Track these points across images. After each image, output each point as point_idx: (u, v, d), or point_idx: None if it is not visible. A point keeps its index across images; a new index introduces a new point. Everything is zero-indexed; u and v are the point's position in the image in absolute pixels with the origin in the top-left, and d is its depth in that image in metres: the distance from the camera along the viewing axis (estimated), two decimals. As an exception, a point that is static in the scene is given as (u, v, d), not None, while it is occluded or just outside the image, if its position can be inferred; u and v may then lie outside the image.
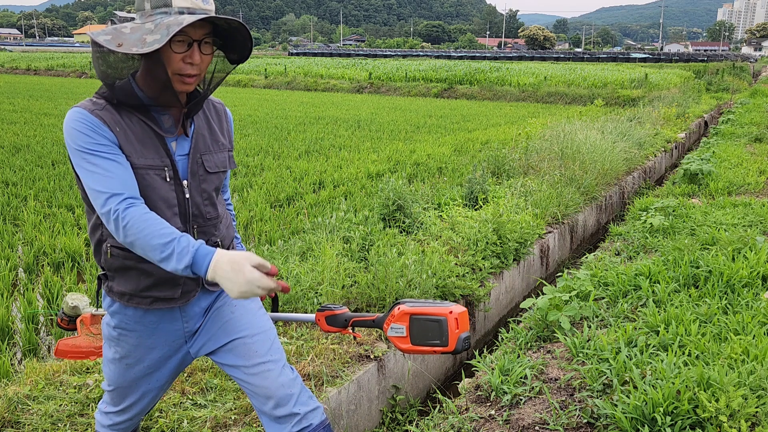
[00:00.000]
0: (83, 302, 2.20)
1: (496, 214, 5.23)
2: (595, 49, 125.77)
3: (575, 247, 6.81)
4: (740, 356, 2.74)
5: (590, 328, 3.27)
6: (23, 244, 5.47)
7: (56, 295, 4.24)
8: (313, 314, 1.72)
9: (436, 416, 2.79)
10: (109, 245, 1.74)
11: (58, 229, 5.68)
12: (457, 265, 4.45)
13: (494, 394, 2.80)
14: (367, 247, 4.49)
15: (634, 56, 58.14)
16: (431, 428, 2.68)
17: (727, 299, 3.51)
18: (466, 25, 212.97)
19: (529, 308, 3.65)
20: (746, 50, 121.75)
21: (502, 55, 67.90)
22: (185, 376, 2.99)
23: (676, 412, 2.33)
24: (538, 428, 2.54)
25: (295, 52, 71.47)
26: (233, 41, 1.74)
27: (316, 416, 1.88)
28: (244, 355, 1.87)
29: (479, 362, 3.06)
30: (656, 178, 10.62)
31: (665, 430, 2.27)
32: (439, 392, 3.31)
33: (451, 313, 1.53)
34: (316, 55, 66.33)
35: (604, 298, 3.82)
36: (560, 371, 2.95)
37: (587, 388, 2.73)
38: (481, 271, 4.61)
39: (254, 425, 2.65)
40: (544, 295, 3.52)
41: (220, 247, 1.88)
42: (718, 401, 2.31)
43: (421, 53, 70.48)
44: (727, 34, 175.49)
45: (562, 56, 62.77)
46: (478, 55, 66.71)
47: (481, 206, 5.91)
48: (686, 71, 35.12)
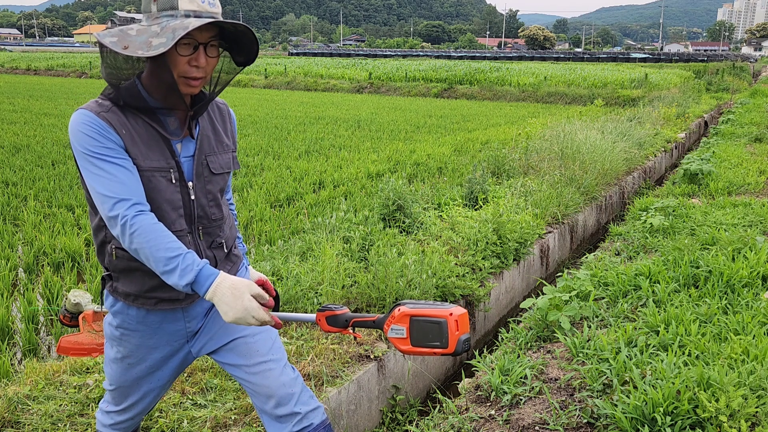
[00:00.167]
0: (86, 299, 2.21)
1: (496, 214, 5.23)
2: (595, 49, 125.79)
3: (575, 247, 6.82)
4: (740, 356, 2.74)
5: (590, 328, 3.27)
6: (23, 244, 5.47)
7: (56, 295, 4.24)
8: (313, 314, 1.72)
9: (436, 416, 2.79)
10: (113, 247, 1.74)
11: (58, 229, 5.69)
12: (457, 265, 4.46)
13: (494, 394, 2.81)
14: (367, 247, 4.49)
15: (634, 56, 58.17)
16: (431, 428, 2.68)
17: (727, 299, 3.51)
18: (466, 25, 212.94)
19: (529, 308, 3.65)
20: (746, 50, 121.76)
21: (502, 55, 67.95)
22: (185, 376, 3.00)
23: (676, 412, 2.33)
24: (538, 428, 2.54)
25: (295, 52, 71.51)
26: (240, 44, 1.73)
27: (316, 416, 1.88)
28: (245, 354, 1.87)
29: (479, 362, 3.07)
30: (656, 178, 10.62)
31: (665, 430, 2.27)
32: (439, 392, 3.31)
33: (451, 315, 1.54)
34: (316, 55, 66.37)
35: (604, 298, 3.82)
36: (560, 371, 2.95)
37: (587, 388, 2.73)
38: (481, 271, 4.61)
39: (254, 425, 2.66)
40: (544, 295, 3.52)
41: (223, 247, 1.89)
42: (718, 401, 2.31)
43: (421, 53, 70.52)
44: (727, 34, 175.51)
45: (562, 56, 62.82)
46: (478, 55, 66.76)
47: (481, 206, 5.91)
48: (686, 71, 35.13)
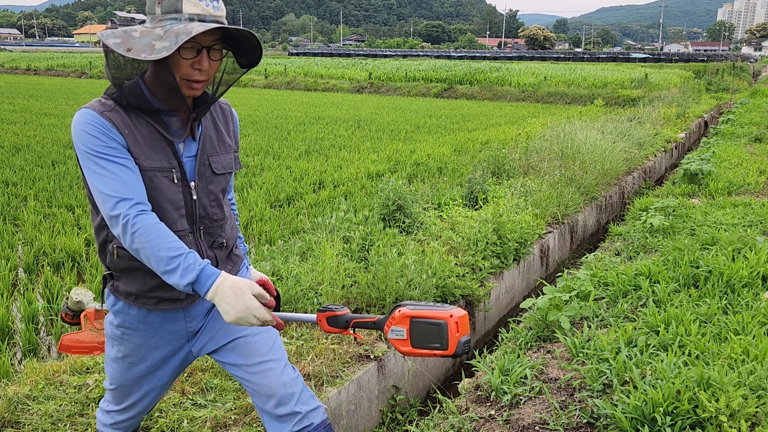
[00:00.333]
0: (87, 297, 2.21)
1: (496, 214, 5.23)
2: (595, 49, 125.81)
3: (575, 247, 6.82)
4: (740, 356, 2.74)
5: (590, 328, 3.27)
6: (23, 244, 5.47)
7: (56, 295, 4.24)
8: (314, 315, 1.72)
9: (436, 416, 2.79)
10: (115, 246, 1.74)
11: (58, 229, 5.69)
12: (457, 265, 4.46)
13: (494, 394, 2.81)
14: (367, 247, 4.49)
15: (634, 56, 58.17)
16: (431, 428, 2.68)
17: (727, 299, 3.51)
18: (466, 25, 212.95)
19: (529, 308, 3.65)
20: (746, 50, 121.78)
21: (502, 55, 67.95)
22: (185, 376, 3.00)
23: (676, 412, 2.33)
24: (538, 428, 2.54)
25: (295, 52, 71.52)
26: (243, 47, 1.73)
27: (317, 415, 1.88)
28: (245, 353, 1.87)
29: (479, 362, 3.07)
30: (656, 178, 10.62)
31: (665, 430, 2.27)
32: (439, 392, 3.31)
33: (451, 316, 1.54)
34: (316, 55, 66.37)
35: (604, 298, 3.82)
36: (560, 371, 2.95)
37: (587, 388, 2.73)
38: (481, 271, 4.61)
39: (254, 425, 2.66)
40: (544, 295, 3.52)
41: (225, 247, 1.89)
42: (718, 401, 2.31)
43: (421, 53, 70.52)
44: (727, 34, 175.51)
45: (562, 56, 62.82)
46: (478, 55, 66.76)
47: (481, 206, 5.91)
48: (686, 71, 35.13)
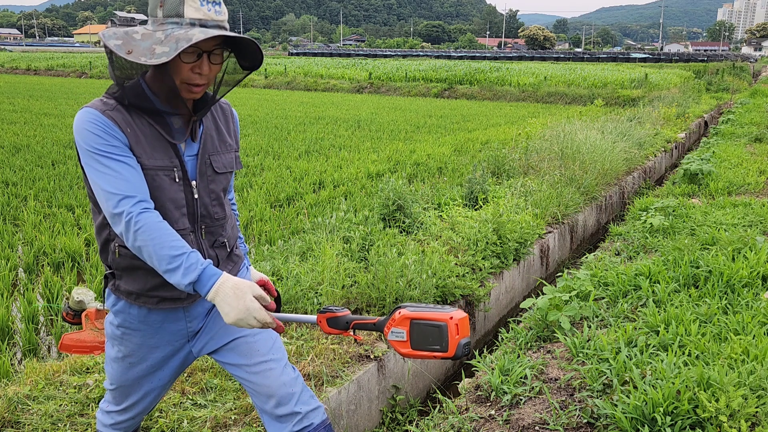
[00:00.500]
0: (89, 297, 2.21)
1: (496, 214, 5.23)
2: (595, 49, 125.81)
3: (575, 247, 6.82)
4: (740, 356, 2.74)
5: (590, 328, 3.27)
6: (23, 244, 5.47)
7: (56, 295, 4.24)
8: (314, 315, 1.72)
9: (436, 416, 2.79)
10: (117, 245, 1.74)
11: (58, 229, 5.69)
12: (457, 265, 4.46)
13: (494, 394, 2.81)
14: (367, 247, 4.49)
15: (634, 56, 58.17)
16: (431, 428, 2.68)
17: (727, 299, 3.51)
18: (466, 25, 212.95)
19: (529, 308, 3.65)
20: (746, 50, 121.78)
21: (502, 55, 67.96)
22: (185, 376, 3.00)
23: (676, 412, 2.33)
24: (538, 428, 2.54)
25: (295, 52, 71.50)
26: (244, 51, 1.73)
27: (317, 415, 1.88)
28: (246, 353, 1.87)
29: (479, 362, 3.07)
30: (656, 178, 10.62)
31: (665, 430, 2.27)
32: (439, 392, 3.31)
33: (451, 318, 1.54)
34: (316, 55, 66.36)
35: (604, 298, 3.82)
36: (560, 371, 2.95)
37: (587, 388, 2.73)
38: (481, 271, 4.61)
39: (254, 425, 2.66)
40: (544, 295, 3.52)
41: (226, 246, 1.89)
42: (718, 401, 2.31)
43: (421, 53, 70.51)
44: (727, 34, 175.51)
45: (562, 56, 62.82)
46: (478, 55, 66.75)
47: (481, 206, 5.91)
48: (686, 71, 35.13)
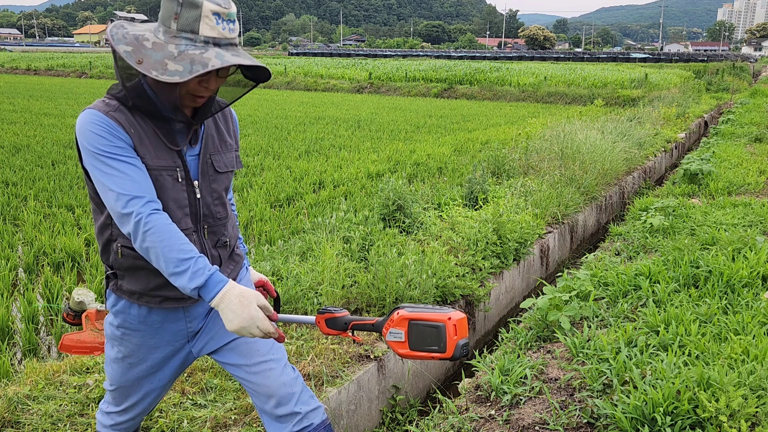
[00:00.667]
0: (89, 298, 2.21)
1: (496, 214, 5.23)
2: (595, 49, 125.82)
3: (575, 247, 6.82)
4: (740, 356, 2.74)
5: (590, 328, 3.27)
6: (23, 244, 5.47)
7: (56, 295, 4.24)
8: (313, 316, 1.72)
9: (436, 416, 2.79)
10: (119, 245, 1.74)
11: (58, 229, 5.69)
12: (457, 265, 4.46)
13: (494, 394, 2.81)
14: (367, 247, 4.49)
15: (634, 56, 58.18)
16: (431, 428, 2.68)
17: (727, 299, 3.51)
18: (466, 25, 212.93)
19: (529, 308, 3.65)
20: (746, 50, 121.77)
21: (502, 55, 67.98)
22: (185, 376, 3.00)
23: (676, 412, 2.33)
24: (538, 428, 2.54)
25: (295, 52, 71.52)
26: (254, 69, 1.71)
27: (317, 416, 1.88)
28: (245, 353, 1.87)
29: (479, 362, 3.07)
30: (656, 178, 10.62)
31: (665, 430, 2.27)
32: (439, 392, 3.31)
33: (449, 319, 1.54)
34: (316, 55, 66.38)
35: (604, 298, 3.82)
36: (560, 371, 2.95)
37: (587, 388, 2.73)
38: (481, 271, 4.61)
39: (254, 425, 2.66)
40: (544, 295, 3.52)
41: (227, 246, 1.90)
42: (718, 401, 2.31)
43: (421, 53, 70.54)
44: (727, 34, 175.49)
45: (562, 56, 62.84)
46: (478, 55, 66.78)
47: (481, 206, 5.91)
48: (686, 71, 35.13)
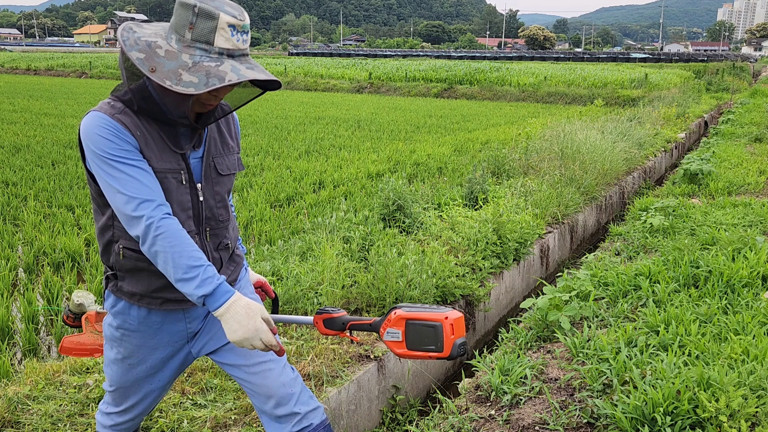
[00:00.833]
0: (89, 300, 2.21)
1: (496, 214, 5.23)
2: (595, 49, 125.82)
3: (575, 247, 6.82)
4: (740, 356, 2.74)
5: (590, 328, 3.27)
6: (23, 244, 5.47)
7: (56, 295, 4.24)
8: (311, 317, 1.72)
9: (436, 416, 2.79)
10: (121, 246, 1.73)
11: (58, 229, 5.69)
12: (457, 265, 4.45)
13: (494, 394, 2.80)
14: (367, 247, 4.49)
15: (634, 56, 58.16)
16: (431, 428, 2.68)
17: (727, 299, 3.51)
18: (466, 25, 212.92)
19: (529, 308, 3.65)
20: (746, 50, 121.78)
21: (502, 55, 67.97)
22: (185, 376, 3.00)
23: (676, 412, 2.33)
24: (538, 428, 2.54)
25: (295, 52, 71.55)
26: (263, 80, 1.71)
27: (316, 416, 1.88)
28: (245, 354, 1.87)
29: (479, 362, 3.06)
30: (656, 178, 10.62)
31: (665, 430, 2.27)
32: (439, 392, 3.31)
33: (446, 318, 1.54)
34: (316, 55, 66.36)
35: (604, 298, 3.82)
36: (560, 371, 2.95)
37: (587, 388, 2.73)
38: (481, 271, 4.61)
39: (254, 425, 2.66)
40: (544, 295, 3.52)
41: (229, 248, 1.90)
42: (718, 401, 2.31)
43: (421, 53, 70.54)
44: (727, 34, 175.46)
45: (562, 56, 62.81)
46: (478, 55, 66.76)
47: (481, 206, 5.91)
48: (686, 71, 35.14)
